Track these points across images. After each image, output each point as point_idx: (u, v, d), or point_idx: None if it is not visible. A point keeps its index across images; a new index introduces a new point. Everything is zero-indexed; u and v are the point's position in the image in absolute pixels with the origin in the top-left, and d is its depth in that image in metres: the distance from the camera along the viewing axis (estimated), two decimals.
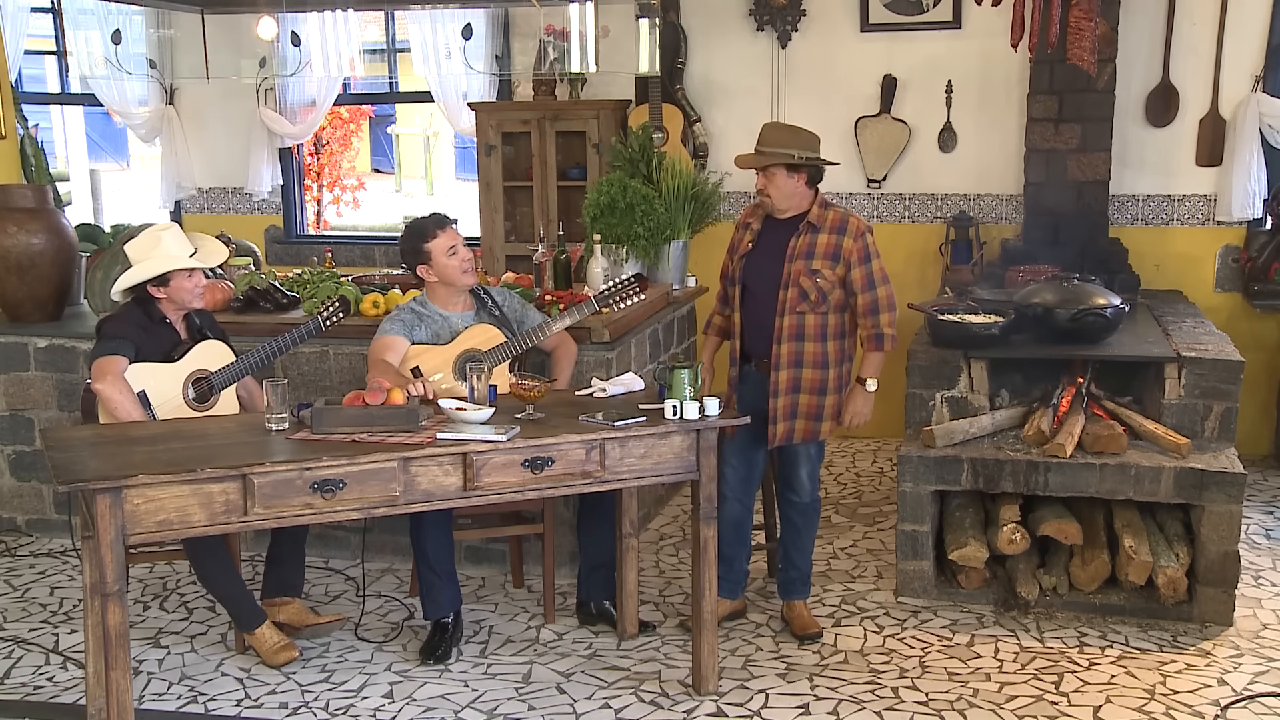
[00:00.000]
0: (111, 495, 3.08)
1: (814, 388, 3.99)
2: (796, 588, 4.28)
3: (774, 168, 3.93)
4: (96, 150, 11.77)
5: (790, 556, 4.25)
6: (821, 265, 3.92)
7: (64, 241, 5.30)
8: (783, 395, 3.98)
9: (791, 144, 3.95)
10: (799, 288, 3.92)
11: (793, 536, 4.23)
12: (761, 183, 3.97)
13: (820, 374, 3.99)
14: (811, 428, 4.03)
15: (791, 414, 4.00)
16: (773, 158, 3.93)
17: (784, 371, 3.97)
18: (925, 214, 6.56)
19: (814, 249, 3.94)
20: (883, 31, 6.41)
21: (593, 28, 6.05)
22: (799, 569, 4.25)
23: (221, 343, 4.20)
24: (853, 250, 3.92)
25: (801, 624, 4.23)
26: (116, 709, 3.18)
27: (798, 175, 3.95)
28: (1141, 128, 6.14)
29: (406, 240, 4.26)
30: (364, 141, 13.31)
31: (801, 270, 3.92)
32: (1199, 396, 4.51)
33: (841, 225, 3.95)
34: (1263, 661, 4.02)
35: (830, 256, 3.93)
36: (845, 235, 3.94)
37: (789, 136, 3.99)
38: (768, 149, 3.95)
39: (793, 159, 3.92)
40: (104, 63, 7.30)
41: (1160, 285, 6.12)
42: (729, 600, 4.28)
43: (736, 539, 4.25)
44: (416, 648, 4.16)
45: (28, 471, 5.30)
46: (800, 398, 3.99)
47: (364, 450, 3.35)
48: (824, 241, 3.94)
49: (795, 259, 3.93)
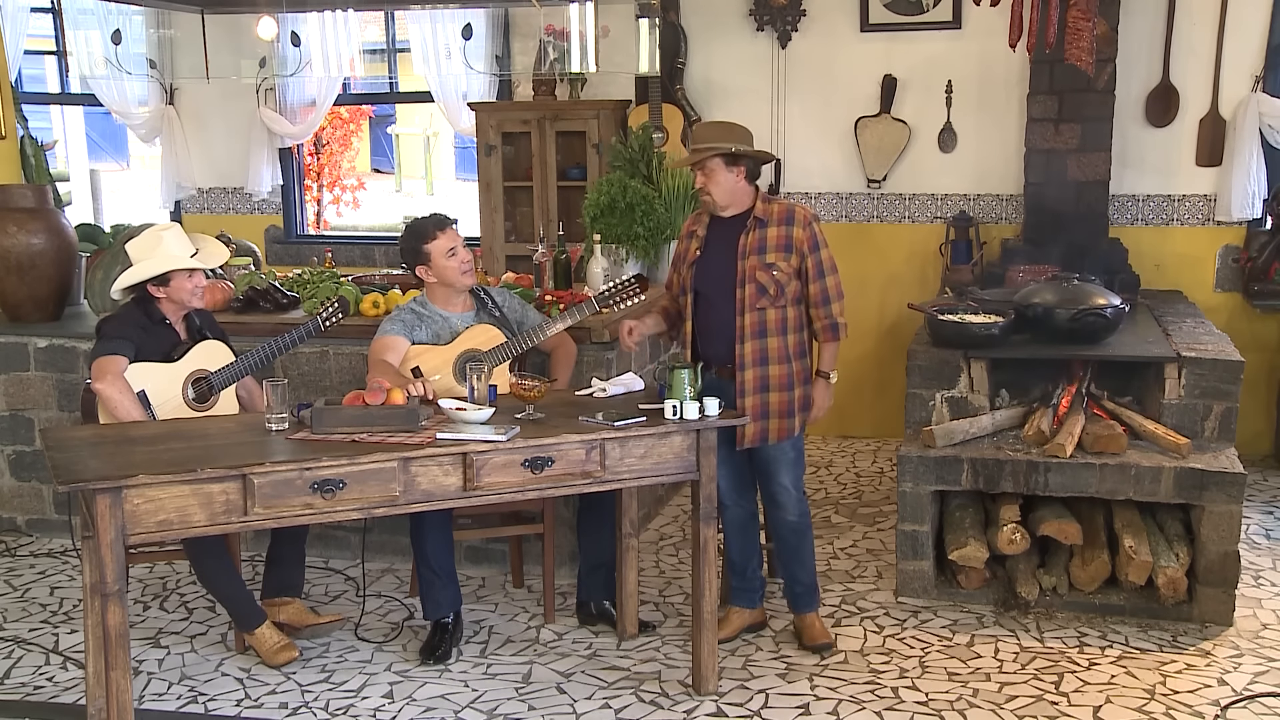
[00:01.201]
0: (111, 495, 3.08)
1: (782, 384, 3.93)
2: (803, 601, 4.19)
3: (711, 164, 3.87)
4: (96, 150, 11.77)
5: (791, 572, 4.17)
6: (776, 258, 3.88)
7: (64, 241, 5.30)
8: (750, 395, 3.91)
9: (726, 138, 3.89)
10: (756, 283, 3.87)
11: (788, 554, 4.16)
12: (701, 181, 3.91)
13: (786, 368, 3.94)
14: (786, 425, 3.96)
15: (763, 413, 3.93)
16: (708, 152, 3.86)
17: (750, 370, 3.90)
18: (925, 214, 6.56)
19: (765, 243, 3.89)
20: (883, 31, 6.41)
21: (593, 28, 6.04)
22: (802, 583, 4.17)
23: (221, 343, 4.20)
24: (804, 239, 3.89)
25: (811, 635, 4.14)
26: (116, 709, 3.18)
27: (736, 169, 3.89)
28: (1141, 128, 6.14)
29: (406, 240, 4.26)
30: (364, 141, 13.31)
31: (756, 265, 3.87)
32: (1199, 396, 4.51)
33: (789, 216, 3.91)
34: (1263, 661, 4.02)
35: (783, 248, 3.89)
36: (794, 225, 3.90)
37: (722, 132, 3.94)
38: (703, 144, 3.89)
39: (730, 150, 3.86)
40: (104, 63, 7.30)
41: (1160, 285, 6.12)
42: (747, 610, 4.22)
43: (743, 543, 4.19)
44: (416, 648, 4.16)
45: (28, 471, 5.30)
46: (770, 396, 3.93)
47: (364, 450, 3.35)
48: (774, 234, 3.90)
49: (748, 255, 3.89)
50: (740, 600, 4.23)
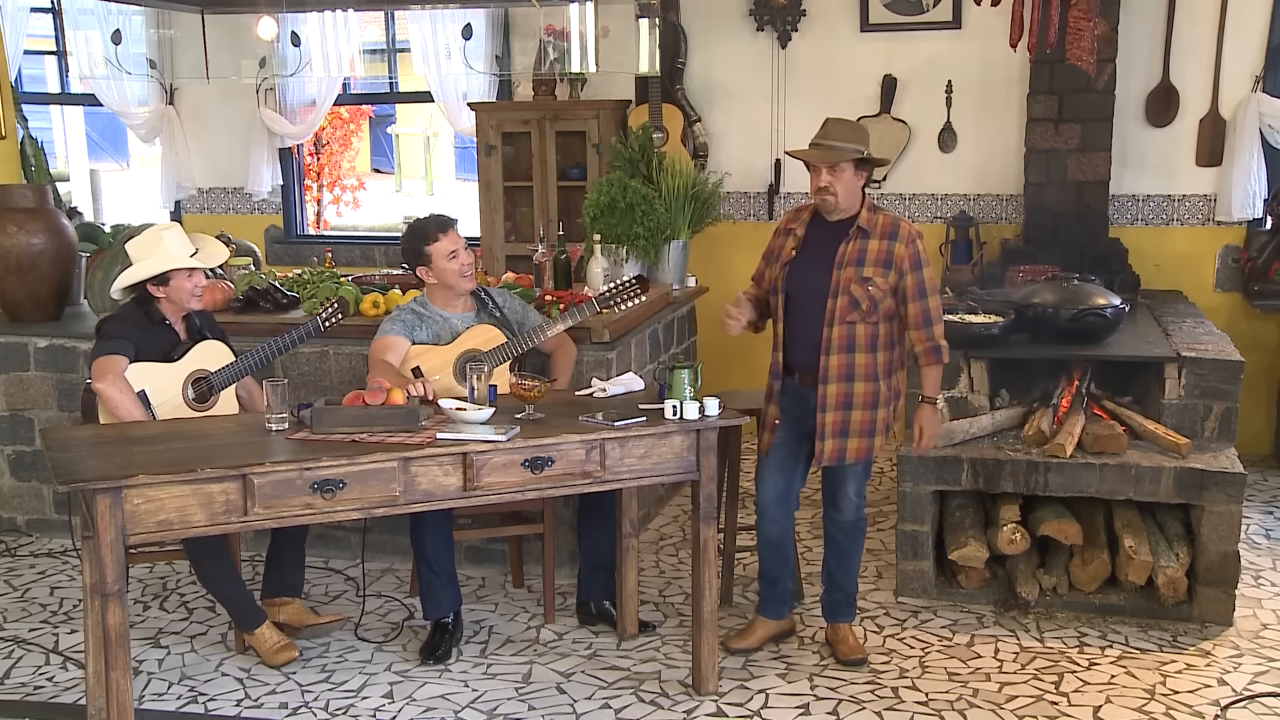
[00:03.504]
0: (111, 495, 3.08)
1: (867, 402, 3.77)
2: (841, 610, 4.07)
3: (844, 164, 3.68)
4: (96, 150, 11.77)
5: (834, 577, 4.04)
6: (873, 273, 3.70)
7: (64, 241, 5.30)
8: (832, 410, 3.76)
9: (859, 140, 3.72)
10: (850, 296, 3.70)
11: (836, 556, 4.02)
12: (827, 180, 3.70)
13: (872, 386, 3.77)
14: (865, 445, 3.81)
15: (843, 431, 3.78)
16: (845, 153, 3.68)
17: (834, 385, 3.75)
18: (925, 214, 6.56)
19: (865, 255, 3.72)
20: (883, 31, 6.41)
21: (593, 28, 6.04)
22: (844, 590, 4.04)
23: (221, 343, 4.20)
24: (905, 256, 3.71)
25: (847, 649, 4.02)
26: (116, 709, 3.18)
27: (862, 174, 3.74)
28: (1141, 128, 6.14)
29: (407, 240, 4.27)
30: (364, 141, 13.30)
31: (852, 278, 3.70)
32: (1199, 396, 4.51)
33: (893, 230, 3.73)
34: (1263, 661, 4.02)
35: (882, 264, 3.71)
36: (897, 241, 3.72)
37: (856, 133, 3.74)
38: (837, 144, 3.70)
39: (862, 154, 3.68)
40: (104, 63, 7.30)
41: (1160, 285, 6.12)
42: (773, 620, 4.13)
43: (779, 559, 4.05)
44: (416, 648, 4.16)
45: (28, 471, 5.30)
46: (853, 414, 3.77)
47: (364, 450, 3.35)
48: (875, 247, 3.72)
49: (845, 266, 3.71)
50: (768, 611, 4.12)
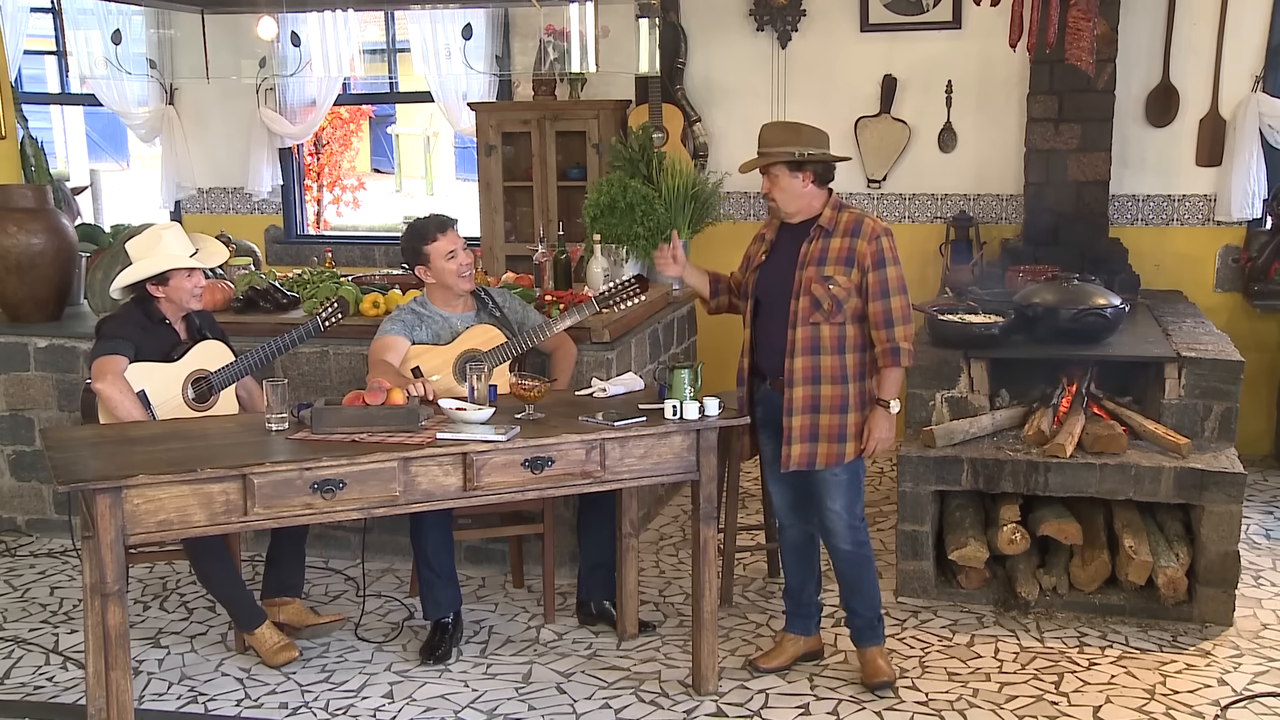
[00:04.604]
0: (111, 495, 3.08)
1: (834, 406, 3.66)
2: (864, 635, 3.90)
3: (776, 169, 3.66)
4: (96, 150, 11.78)
5: (849, 605, 3.90)
6: (834, 271, 3.63)
7: (64, 241, 5.30)
8: (799, 414, 3.66)
9: (792, 142, 3.67)
10: (810, 296, 3.63)
11: (846, 587, 3.88)
12: (766, 186, 3.71)
13: (840, 389, 3.66)
14: (835, 450, 3.68)
15: (811, 436, 3.67)
16: (772, 157, 3.67)
17: (799, 388, 3.66)
18: (925, 214, 6.56)
19: (826, 254, 3.65)
20: (883, 31, 6.41)
21: (593, 28, 6.04)
22: (862, 616, 3.88)
23: (221, 343, 4.20)
24: (867, 253, 3.62)
25: (870, 671, 3.86)
26: (116, 709, 3.18)
27: (802, 175, 3.66)
28: (1141, 128, 6.14)
29: (407, 240, 4.27)
30: (364, 141, 13.32)
31: (813, 277, 3.63)
32: (1199, 396, 4.51)
33: (856, 227, 3.66)
34: (1263, 661, 4.02)
35: (844, 261, 3.64)
36: (860, 238, 3.64)
37: (789, 135, 3.71)
38: (767, 149, 3.71)
39: (793, 156, 3.64)
40: (104, 63, 7.30)
41: (1160, 285, 6.12)
42: (801, 637, 4.01)
43: (800, 566, 3.98)
44: (416, 648, 4.16)
45: (28, 471, 5.30)
46: (820, 418, 3.66)
47: (364, 450, 3.35)
48: (837, 245, 3.66)
49: (806, 265, 3.65)
50: (794, 627, 4.01)
